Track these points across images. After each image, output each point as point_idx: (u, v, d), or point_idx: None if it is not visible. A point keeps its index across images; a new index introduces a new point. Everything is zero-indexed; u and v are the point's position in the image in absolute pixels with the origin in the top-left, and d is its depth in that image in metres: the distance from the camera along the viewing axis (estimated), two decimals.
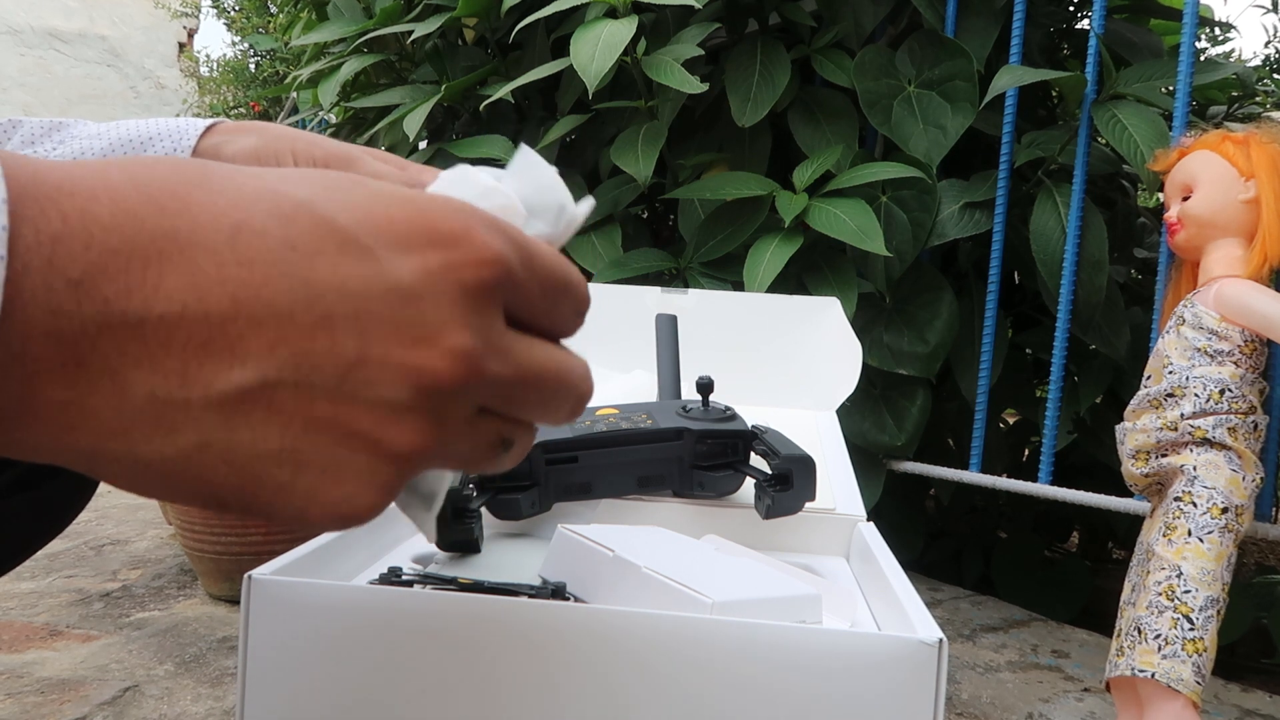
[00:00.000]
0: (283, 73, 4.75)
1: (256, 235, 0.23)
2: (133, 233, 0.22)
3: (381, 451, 0.25)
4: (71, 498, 0.59)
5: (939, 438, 1.68)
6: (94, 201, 0.22)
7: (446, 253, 0.25)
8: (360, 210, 0.25)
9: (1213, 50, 2.26)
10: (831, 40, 1.48)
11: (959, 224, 1.40)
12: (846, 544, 0.71)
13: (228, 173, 0.24)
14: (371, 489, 0.25)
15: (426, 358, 0.25)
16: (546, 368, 0.28)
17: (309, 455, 0.24)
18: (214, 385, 0.23)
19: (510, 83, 1.48)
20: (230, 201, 0.24)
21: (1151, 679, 0.83)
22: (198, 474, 0.24)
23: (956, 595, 1.52)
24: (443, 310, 0.25)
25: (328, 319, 0.24)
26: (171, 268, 0.22)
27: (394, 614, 0.44)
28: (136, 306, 0.22)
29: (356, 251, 0.24)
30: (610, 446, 0.67)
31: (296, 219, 0.24)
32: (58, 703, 0.99)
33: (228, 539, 1.33)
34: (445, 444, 0.26)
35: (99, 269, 0.22)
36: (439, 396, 0.25)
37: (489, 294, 0.26)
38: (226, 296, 0.23)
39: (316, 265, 0.24)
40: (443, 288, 0.25)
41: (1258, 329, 0.91)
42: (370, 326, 0.24)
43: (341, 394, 0.24)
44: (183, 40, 7.07)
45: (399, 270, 0.24)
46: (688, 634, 0.43)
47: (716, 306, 0.96)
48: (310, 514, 0.25)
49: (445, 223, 0.25)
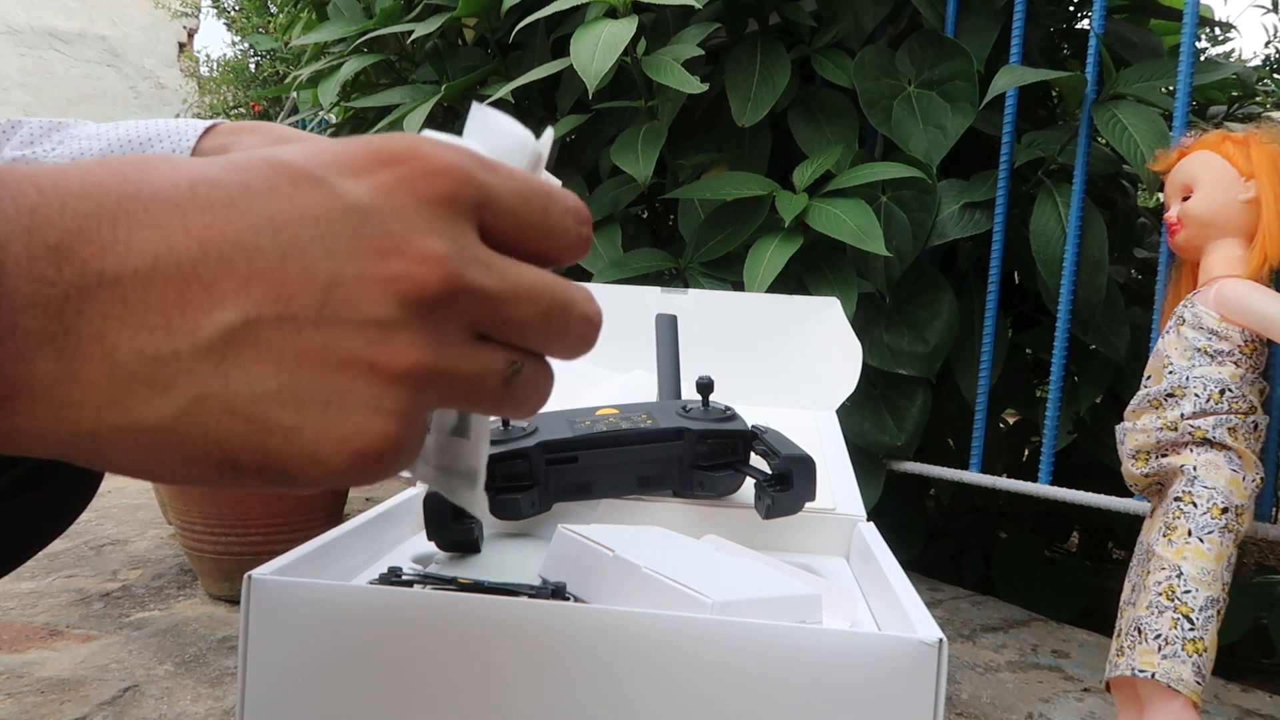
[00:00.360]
0: (283, 73, 4.75)
1: (212, 184, 0.24)
2: (100, 198, 0.23)
3: (380, 373, 0.24)
4: (72, 499, 0.59)
5: (939, 438, 1.68)
6: (64, 176, 0.23)
7: (397, 169, 0.26)
8: (308, 150, 0.26)
9: (1213, 50, 2.26)
10: (831, 40, 1.48)
11: (959, 224, 1.40)
12: (846, 544, 0.71)
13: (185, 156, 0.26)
14: (381, 416, 0.25)
15: (400, 266, 0.24)
16: (541, 286, 0.27)
17: (308, 390, 0.24)
18: (199, 332, 0.23)
19: (510, 83, 1.48)
20: (187, 164, 0.25)
21: (1151, 679, 0.83)
22: (202, 430, 0.23)
23: (956, 595, 1.52)
24: (406, 219, 0.25)
25: (295, 246, 0.24)
26: (138, 224, 0.23)
27: (394, 614, 0.44)
28: (112, 265, 0.22)
29: (309, 182, 0.25)
30: (610, 446, 0.67)
31: (248, 166, 0.25)
32: (58, 703, 0.99)
33: (228, 539, 1.33)
34: (445, 363, 0.25)
35: (74, 233, 0.22)
36: (423, 304, 0.25)
37: (449, 201, 0.26)
38: (194, 242, 0.23)
39: (274, 199, 0.24)
40: (400, 199, 0.25)
41: (1258, 329, 0.91)
42: (338, 247, 0.24)
43: (324, 320, 0.24)
44: (183, 40, 7.07)
45: (353, 190, 0.25)
46: (688, 634, 0.43)
47: (716, 306, 0.96)
48: (325, 455, 0.24)
49: (390, 145, 0.26)
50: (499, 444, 0.65)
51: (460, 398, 0.27)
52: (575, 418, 0.69)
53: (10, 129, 0.50)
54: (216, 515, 1.32)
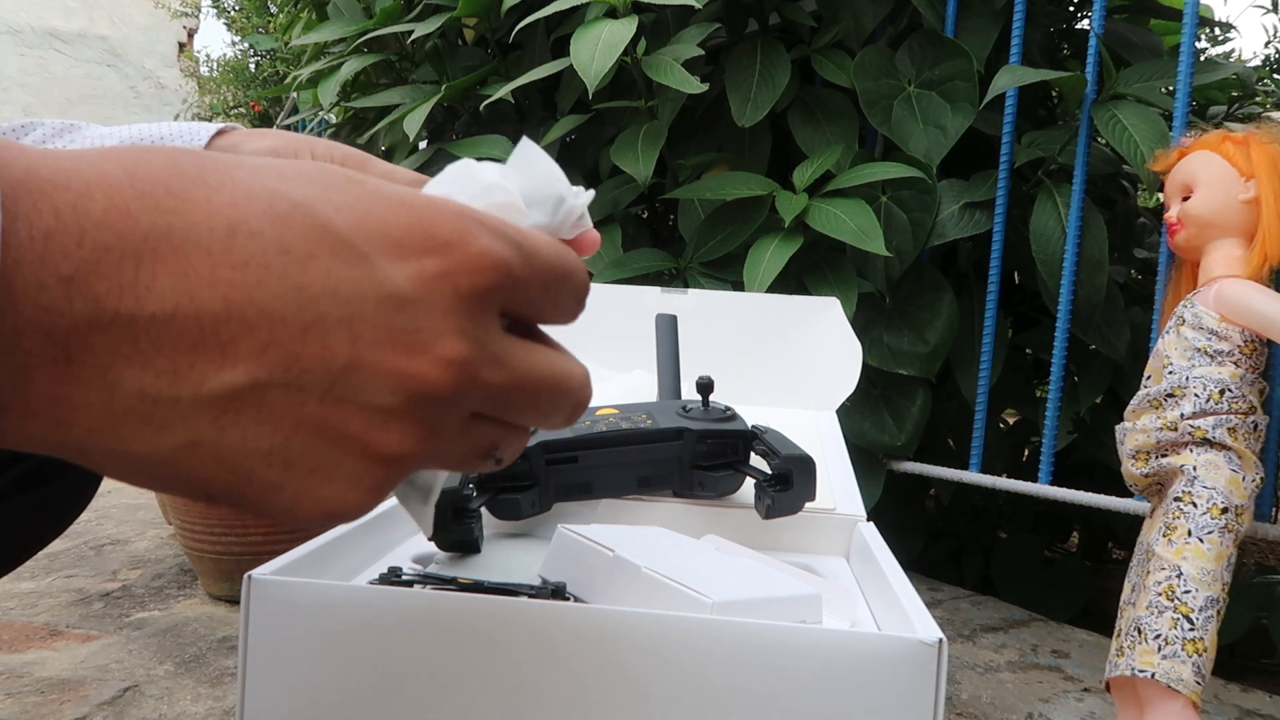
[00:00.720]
0: (283, 73, 4.75)
1: (251, 237, 0.23)
2: (126, 230, 0.22)
3: (371, 454, 0.25)
4: (72, 499, 0.59)
5: (939, 438, 1.68)
6: (87, 197, 0.22)
7: (442, 259, 0.25)
8: (356, 213, 0.25)
9: (1213, 50, 2.26)
10: (831, 40, 1.48)
11: (959, 224, 1.40)
12: (846, 544, 0.71)
13: (224, 166, 0.24)
14: (360, 489, 0.25)
15: (419, 365, 0.25)
16: (544, 374, 0.28)
17: (299, 455, 0.24)
18: (205, 385, 0.23)
19: (510, 83, 1.48)
20: (226, 200, 0.23)
21: (1151, 679, 0.83)
22: (188, 471, 0.24)
23: (956, 595, 1.52)
24: (437, 317, 0.25)
25: (320, 323, 0.24)
26: (164, 267, 0.22)
27: (394, 614, 0.44)
28: (128, 305, 0.22)
29: (351, 256, 0.24)
30: (610, 446, 0.67)
31: (292, 221, 0.24)
32: (58, 703, 0.99)
33: (228, 539, 1.33)
34: (436, 448, 0.26)
35: (91, 266, 0.22)
36: (431, 403, 0.25)
37: (485, 299, 0.26)
38: (219, 298, 0.23)
39: (310, 269, 0.24)
40: (438, 295, 0.25)
41: (1258, 329, 0.91)
42: (363, 331, 0.24)
43: (332, 397, 0.24)
44: (183, 40, 7.07)
45: (394, 276, 0.24)
46: (688, 634, 0.43)
47: (716, 306, 0.96)
48: (299, 511, 0.25)
49: (442, 228, 0.25)
50: None
51: (441, 465, 0.28)
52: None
53: (22, 130, 0.50)
54: (216, 515, 1.32)
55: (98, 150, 0.24)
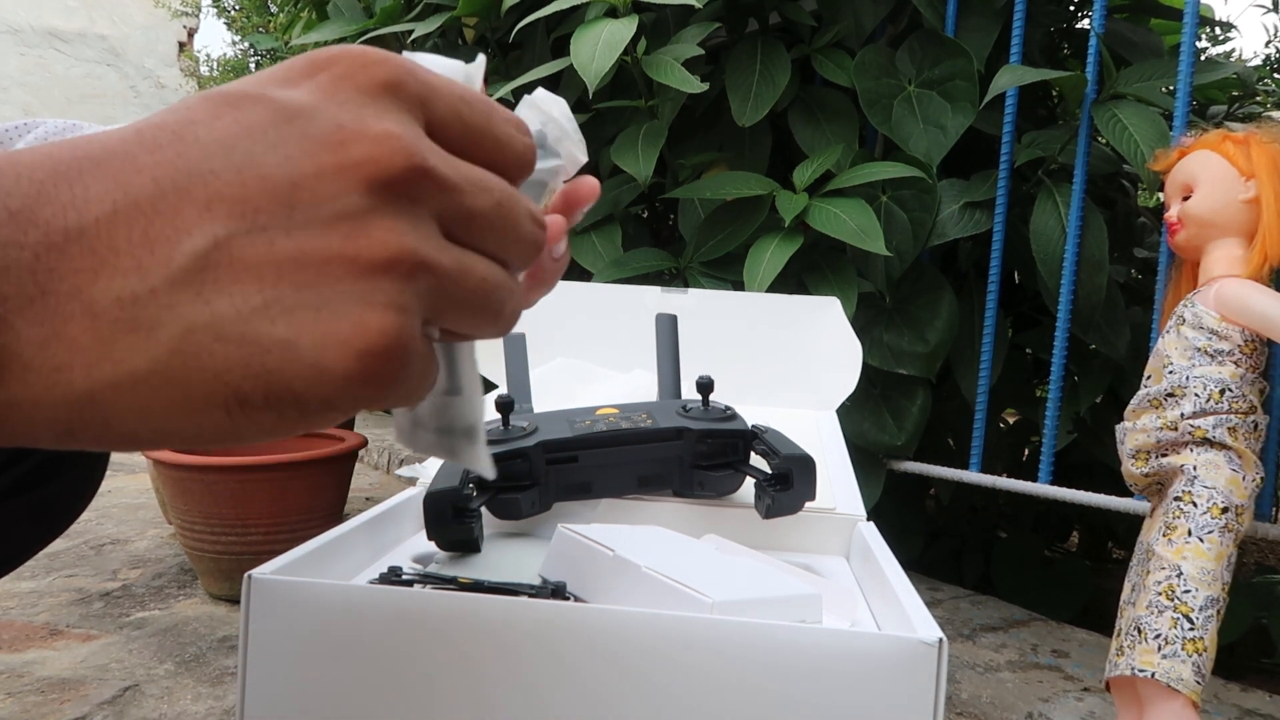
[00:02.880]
0: None
1: (156, 126, 0.24)
2: (53, 164, 0.23)
3: (363, 266, 0.24)
4: (73, 499, 0.59)
5: (939, 437, 1.68)
6: (19, 154, 0.23)
7: (332, 69, 0.26)
8: (245, 78, 0.26)
9: (1213, 50, 2.26)
10: (831, 40, 1.48)
11: (959, 224, 1.40)
12: (846, 544, 0.71)
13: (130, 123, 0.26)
14: (375, 309, 0.24)
15: (360, 150, 0.24)
16: (490, 178, 0.27)
17: (294, 298, 0.23)
18: (171, 264, 0.23)
19: (510, 82, 1.48)
20: (132, 123, 0.25)
21: (1151, 679, 0.83)
22: (198, 365, 0.23)
23: (956, 595, 1.52)
24: (352, 109, 0.25)
25: (249, 159, 0.24)
26: (92, 178, 0.23)
27: (394, 614, 0.44)
28: (74, 219, 0.22)
29: (249, 100, 0.25)
30: (610, 446, 0.67)
31: (189, 103, 0.25)
32: (58, 702, 0.99)
33: (228, 539, 1.33)
34: (425, 252, 0.25)
35: (33, 197, 0.22)
36: (390, 187, 0.24)
37: (392, 90, 0.26)
38: (148, 180, 0.23)
39: (218, 124, 0.24)
40: (342, 93, 0.25)
41: (1258, 329, 0.91)
42: (291, 151, 0.24)
43: (294, 224, 0.24)
44: (183, 40, 7.07)
45: (293, 96, 0.25)
46: (688, 634, 0.43)
47: (716, 306, 0.96)
48: (329, 363, 0.24)
49: (321, 52, 0.26)
50: (499, 444, 0.65)
51: (445, 296, 0.26)
52: (575, 417, 0.69)
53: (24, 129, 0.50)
54: (216, 515, 1.32)
55: None
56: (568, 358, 0.92)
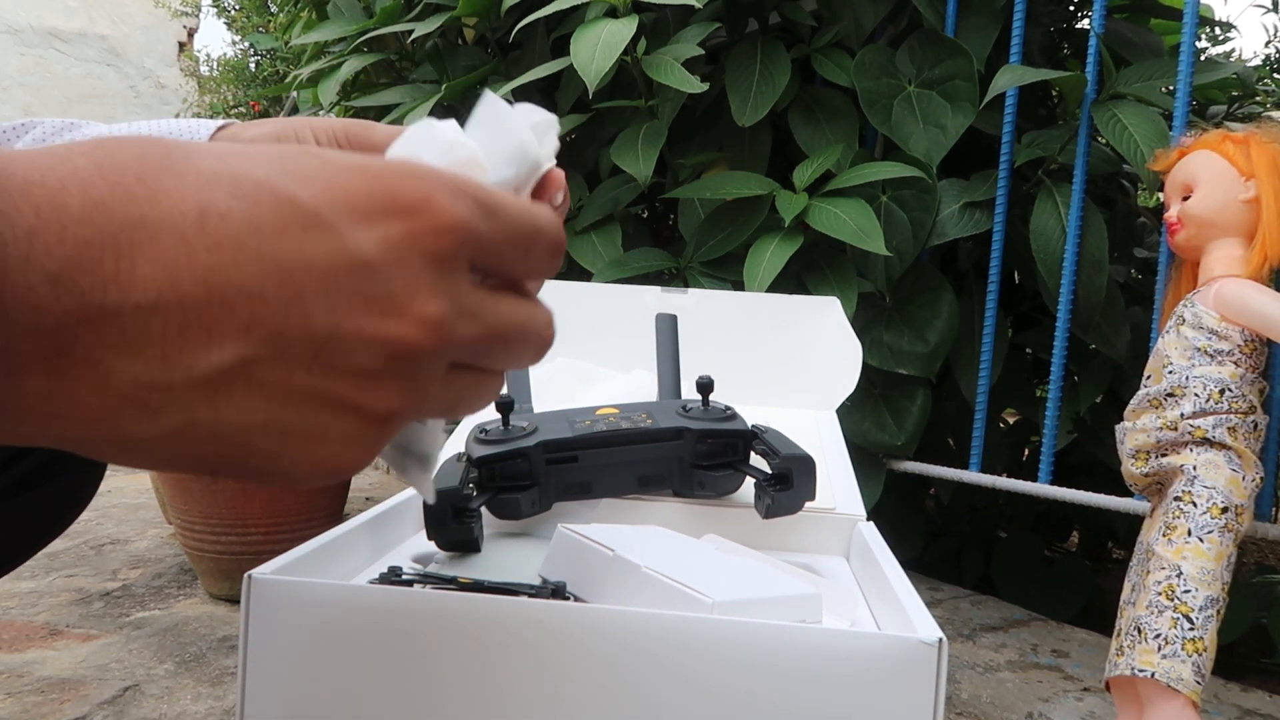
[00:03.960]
0: (283, 72, 4.75)
1: (221, 218, 0.24)
2: (103, 223, 0.22)
3: (363, 414, 0.26)
4: (72, 499, 0.59)
5: (939, 437, 1.68)
6: (64, 193, 0.22)
7: (407, 222, 0.26)
8: (319, 184, 0.25)
9: (1213, 50, 2.26)
10: (831, 40, 1.48)
11: (959, 224, 1.40)
12: (846, 544, 0.71)
13: (187, 152, 0.25)
14: (355, 448, 0.27)
15: (398, 327, 0.25)
16: (513, 322, 0.29)
17: (293, 423, 0.25)
18: (195, 368, 0.23)
19: (510, 82, 1.48)
20: (193, 185, 0.24)
21: (1151, 678, 0.83)
22: (187, 449, 0.25)
23: (956, 595, 1.52)
24: (408, 279, 0.26)
25: (299, 297, 0.24)
26: (143, 257, 0.23)
27: (394, 614, 0.44)
28: (114, 297, 0.22)
29: (320, 228, 0.25)
30: (610, 446, 0.67)
31: (259, 199, 0.24)
32: (58, 702, 0.99)
33: (228, 539, 1.33)
34: (421, 401, 0.27)
35: (74, 262, 0.22)
36: (412, 361, 0.26)
37: (453, 258, 0.27)
38: (199, 282, 0.23)
39: (282, 245, 0.24)
40: (407, 257, 0.26)
41: (1258, 328, 0.91)
42: (339, 300, 0.25)
43: (318, 365, 0.25)
44: (183, 39, 7.07)
45: (363, 244, 0.25)
46: (688, 634, 0.43)
47: (716, 306, 0.96)
48: (298, 475, 0.26)
49: (404, 192, 0.26)
50: (499, 444, 0.65)
51: (426, 417, 0.29)
52: (575, 417, 0.69)
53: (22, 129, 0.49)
54: (216, 515, 1.32)
55: (65, 145, 0.24)
56: (568, 358, 0.92)
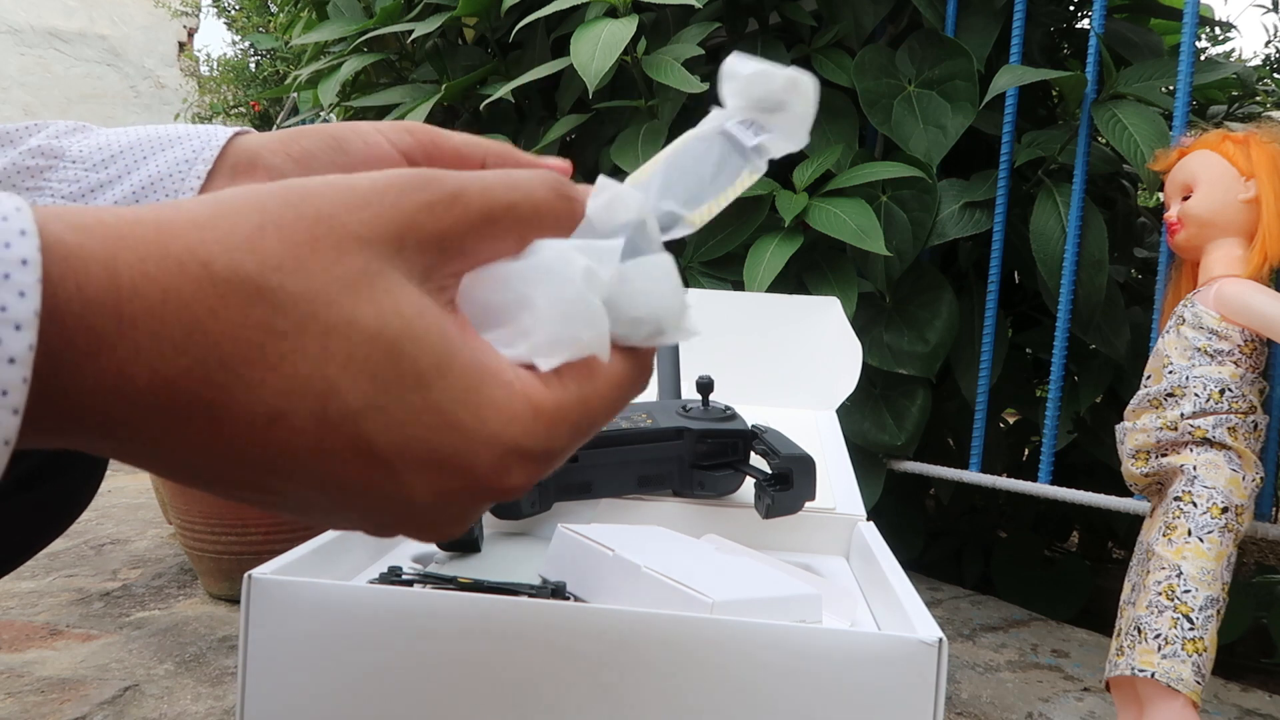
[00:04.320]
0: (283, 72, 4.75)
1: (293, 431, 0.23)
2: (168, 400, 0.22)
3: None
4: (73, 499, 0.59)
5: (939, 437, 1.68)
6: (133, 364, 0.21)
7: (470, 483, 0.26)
8: (404, 435, 0.24)
9: (1213, 50, 2.26)
10: (831, 40, 1.48)
11: (959, 224, 1.40)
12: (846, 544, 0.71)
13: (294, 328, 0.23)
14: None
15: (433, 537, 0.29)
16: None
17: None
18: None
19: (510, 82, 1.48)
20: (277, 388, 0.23)
21: (1151, 678, 0.83)
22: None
23: (956, 595, 1.52)
24: (448, 522, 0.28)
25: (343, 510, 0.26)
26: (191, 436, 0.23)
27: (394, 614, 0.44)
28: (148, 455, 0.24)
29: (385, 471, 0.25)
30: (610, 446, 0.67)
31: (339, 429, 0.24)
32: (58, 702, 0.99)
33: (228, 539, 1.33)
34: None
35: (122, 428, 0.22)
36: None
37: (492, 502, 0.28)
38: (244, 483, 0.25)
39: (344, 473, 0.25)
40: (454, 509, 0.27)
41: (1258, 328, 0.91)
42: (385, 521, 0.27)
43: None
44: (183, 39, 7.07)
45: (417, 488, 0.25)
46: (688, 634, 0.43)
47: (716, 306, 0.96)
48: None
49: (483, 465, 0.25)
50: None
51: None
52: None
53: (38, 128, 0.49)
54: (216, 515, 1.32)
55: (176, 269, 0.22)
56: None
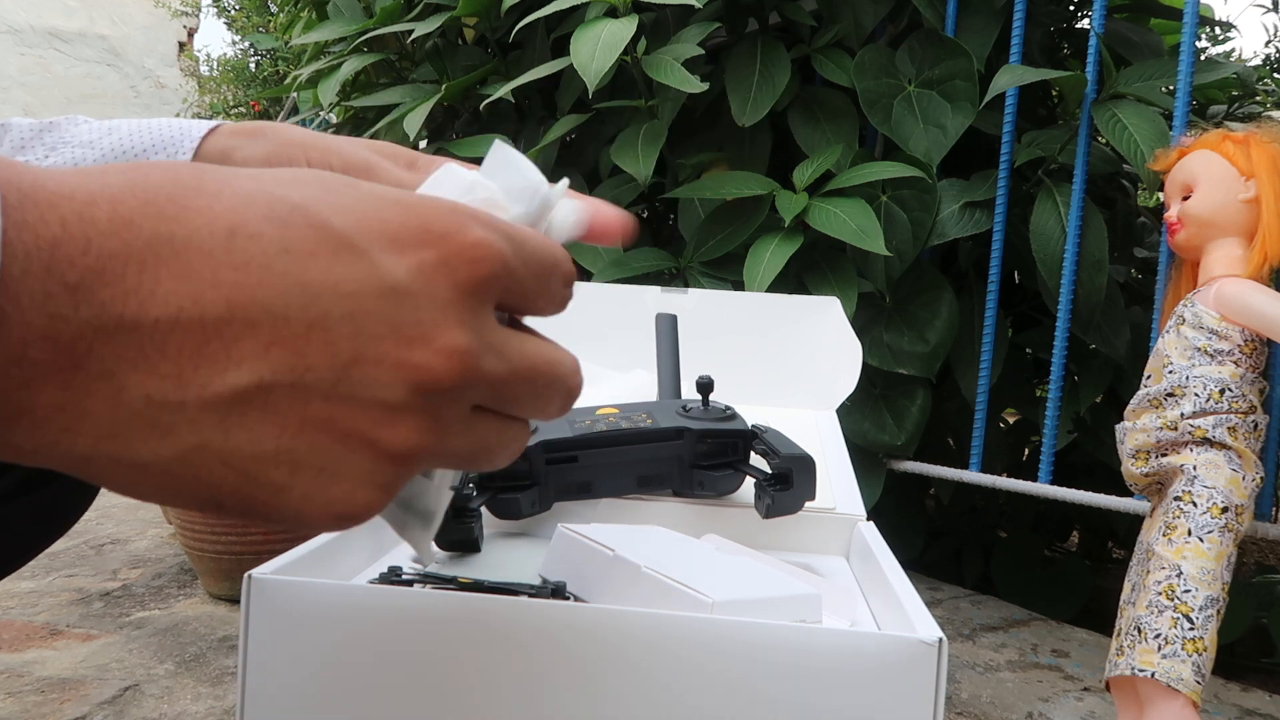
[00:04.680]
0: (283, 72, 4.74)
1: (251, 239, 0.23)
2: (130, 237, 0.22)
3: (379, 451, 0.25)
4: (73, 501, 0.59)
5: (939, 437, 1.68)
6: (92, 206, 0.22)
7: (439, 250, 0.25)
8: (355, 213, 0.25)
9: (1213, 50, 2.26)
10: (831, 40, 1.48)
11: (959, 223, 1.40)
12: (846, 543, 0.71)
13: (223, 175, 0.25)
14: (369, 488, 0.25)
15: (423, 356, 0.25)
16: (540, 363, 0.28)
17: (305, 455, 0.24)
18: (210, 387, 0.23)
19: (510, 82, 1.48)
20: (226, 205, 0.24)
21: (1151, 678, 0.83)
22: (194, 475, 0.24)
23: (956, 595, 1.52)
24: (437, 309, 0.25)
25: (323, 320, 0.24)
26: (167, 271, 0.22)
27: (394, 614, 0.44)
28: (133, 310, 0.22)
29: (351, 253, 0.24)
30: (610, 446, 0.67)
31: (292, 221, 0.24)
32: (58, 702, 0.99)
33: (228, 539, 1.33)
34: (443, 443, 0.26)
35: (96, 273, 0.22)
36: (436, 395, 0.25)
37: (484, 289, 0.26)
38: (221, 299, 0.23)
39: (311, 267, 0.24)
40: (437, 285, 0.25)
41: (1258, 328, 0.91)
42: (365, 326, 0.24)
43: (337, 394, 0.24)
44: (183, 39, 7.07)
45: (393, 270, 0.25)
46: (688, 634, 0.43)
47: (716, 306, 0.96)
48: (307, 514, 0.25)
49: (437, 222, 0.26)
50: None
51: (448, 463, 0.28)
52: (575, 417, 0.69)
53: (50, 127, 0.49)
54: (216, 516, 1.32)
55: (100, 166, 0.24)
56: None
